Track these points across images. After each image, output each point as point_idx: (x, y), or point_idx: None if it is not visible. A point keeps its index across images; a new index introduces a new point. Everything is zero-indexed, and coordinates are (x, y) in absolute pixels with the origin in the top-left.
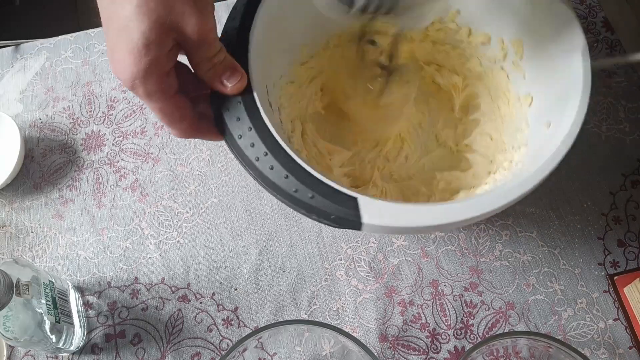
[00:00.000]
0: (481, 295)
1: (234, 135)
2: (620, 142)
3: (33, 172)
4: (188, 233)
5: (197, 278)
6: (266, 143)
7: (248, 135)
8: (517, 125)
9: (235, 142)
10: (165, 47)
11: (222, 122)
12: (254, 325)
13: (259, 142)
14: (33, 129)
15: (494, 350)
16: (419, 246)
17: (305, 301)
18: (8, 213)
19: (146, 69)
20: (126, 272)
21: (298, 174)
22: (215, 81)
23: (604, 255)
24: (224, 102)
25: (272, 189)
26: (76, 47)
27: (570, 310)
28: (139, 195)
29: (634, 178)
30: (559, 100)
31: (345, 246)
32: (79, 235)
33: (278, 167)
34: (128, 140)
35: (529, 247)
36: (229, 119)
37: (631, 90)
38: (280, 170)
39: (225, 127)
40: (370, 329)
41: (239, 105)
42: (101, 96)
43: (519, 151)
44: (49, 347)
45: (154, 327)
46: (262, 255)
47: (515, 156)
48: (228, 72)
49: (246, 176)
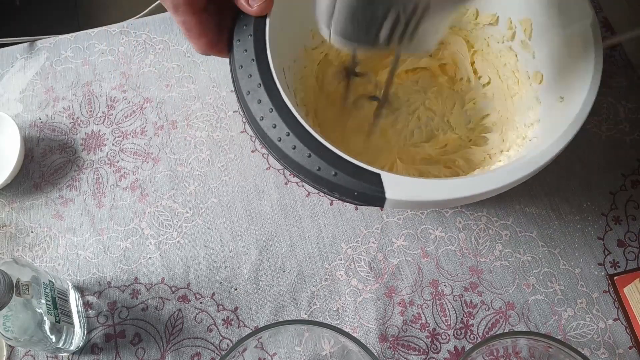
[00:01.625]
0: (481, 295)
1: (256, 117)
2: (620, 142)
3: (33, 172)
4: (188, 233)
5: (197, 278)
6: (288, 124)
7: (270, 117)
8: (528, 104)
9: (258, 125)
10: None
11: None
12: (254, 325)
13: (281, 123)
14: (33, 129)
15: (494, 350)
16: (419, 246)
17: (305, 301)
18: (8, 213)
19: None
20: (126, 272)
21: (320, 153)
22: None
23: (604, 255)
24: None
25: (295, 169)
26: (76, 47)
27: (570, 310)
28: (139, 195)
29: (634, 178)
30: (571, 74)
31: (345, 246)
32: (78, 235)
33: (300, 147)
34: (128, 140)
35: (529, 247)
36: (251, 101)
37: (631, 90)
38: (302, 150)
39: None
40: (370, 329)
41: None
42: (101, 96)
43: (532, 128)
44: (49, 347)
45: (154, 327)
46: (262, 255)
47: (529, 133)
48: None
49: (246, 176)
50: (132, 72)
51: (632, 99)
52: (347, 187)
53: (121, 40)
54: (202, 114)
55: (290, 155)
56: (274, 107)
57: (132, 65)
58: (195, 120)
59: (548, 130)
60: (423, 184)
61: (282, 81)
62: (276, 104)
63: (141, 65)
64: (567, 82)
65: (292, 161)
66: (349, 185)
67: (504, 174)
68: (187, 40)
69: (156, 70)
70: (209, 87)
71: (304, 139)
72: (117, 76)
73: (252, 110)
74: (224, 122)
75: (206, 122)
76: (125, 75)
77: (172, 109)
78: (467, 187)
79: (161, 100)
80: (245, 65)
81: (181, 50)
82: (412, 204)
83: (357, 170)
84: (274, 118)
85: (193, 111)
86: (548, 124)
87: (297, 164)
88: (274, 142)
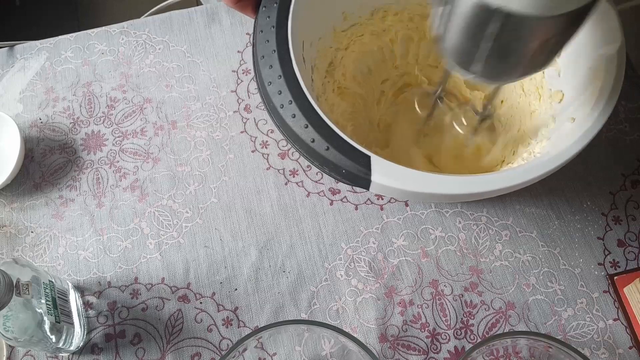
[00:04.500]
0: (481, 295)
1: (264, 81)
2: (620, 142)
3: (33, 172)
4: (188, 233)
5: (197, 278)
6: (292, 91)
7: (277, 83)
8: (544, 121)
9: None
10: None
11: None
12: (254, 325)
13: (286, 89)
14: (33, 129)
15: (494, 350)
16: (419, 246)
17: (305, 301)
18: (8, 213)
19: None
20: (126, 272)
21: (317, 125)
22: None
23: (604, 255)
24: (261, 46)
25: (291, 138)
26: (76, 47)
27: (570, 310)
28: (139, 195)
29: (634, 178)
30: (588, 97)
31: (345, 246)
32: (79, 235)
33: (299, 116)
34: (128, 140)
35: (529, 247)
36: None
37: (631, 90)
38: (300, 119)
39: (259, 72)
40: (370, 329)
41: (274, 54)
42: (101, 96)
43: (541, 144)
44: (49, 347)
45: (154, 327)
46: (262, 255)
47: (537, 148)
48: None
49: (246, 176)
50: (132, 72)
51: (632, 99)
52: (336, 163)
53: (121, 40)
54: (202, 114)
55: (289, 123)
56: (282, 74)
57: (132, 66)
58: (195, 121)
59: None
60: (411, 174)
61: (297, 52)
62: (285, 71)
63: (141, 65)
64: (582, 103)
65: (289, 129)
66: (338, 162)
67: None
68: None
69: (156, 70)
70: (209, 87)
71: (304, 109)
72: (117, 76)
73: (262, 74)
74: (224, 122)
75: (206, 122)
76: (125, 75)
77: (172, 109)
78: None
79: (161, 101)
80: (266, 31)
81: (181, 51)
82: (396, 191)
83: (349, 149)
84: (280, 85)
85: (193, 111)
86: (555, 143)
87: (293, 132)
88: (276, 108)
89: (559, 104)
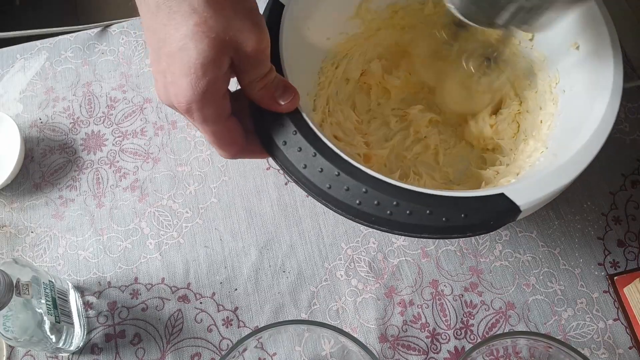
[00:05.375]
0: (481, 295)
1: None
2: (620, 142)
3: (33, 172)
4: (188, 233)
5: (197, 278)
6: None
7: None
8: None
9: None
10: (223, 67)
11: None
12: (254, 325)
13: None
14: (33, 129)
15: (494, 350)
16: (419, 246)
17: (305, 301)
18: (8, 213)
19: (204, 91)
20: (126, 272)
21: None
22: (268, 100)
23: (604, 255)
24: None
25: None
26: (76, 47)
27: (570, 310)
28: (139, 195)
29: (634, 178)
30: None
31: (345, 246)
32: (79, 235)
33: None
34: (128, 140)
35: (529, 247)
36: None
37: (631, 90)
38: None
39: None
40: (370, 329)
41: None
42: (101, 96)
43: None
44: (49, 347)
45: (154, 327)
46: (262, 256)
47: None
48: (280, 91)
49: (246, 176)
50: (132, 72)
51: (632, 99)
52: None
53: (121, 40)
54: None
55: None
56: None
57: (132, 66)
58: None
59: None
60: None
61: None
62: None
63: (141, 65)
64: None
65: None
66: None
67: None
68: (216, 148)
69: None
70: None
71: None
72: (117, 76)
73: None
74: None
75: None
76: (125, 75)
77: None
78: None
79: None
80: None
81: None
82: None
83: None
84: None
85: None
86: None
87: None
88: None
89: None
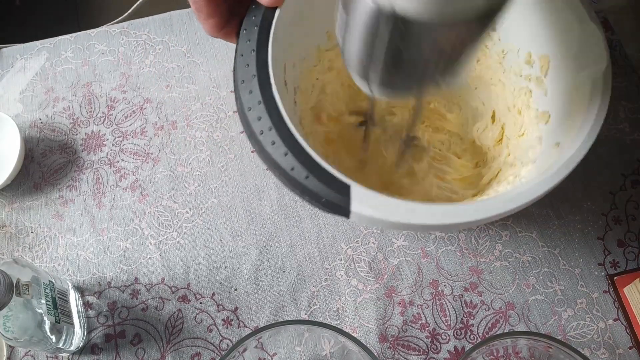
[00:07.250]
0: (481, 295)
1: (244, 107)
2: (620, 142)
3: (33, 172)
4: (188, 233)
5: (197, 278)
6: (272, 118)
7: (257, 109)
8: (530, 143)
9: (245, 114)
10: None
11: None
12: (254, 325)
13: (266, 116)
14: (33, 129)
15: (494, 351)
16: (419, 246)
17: (305, 301)
18: (8, 213)
19: None
20: (126, 272)
21: (297, 153)
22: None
23: (604, 255)
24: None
25: (271, 165)
26: (76, 47)
27: (570, 310)
28: (139, 196)
29: (634, 178)
30: (572, 120)
31: (345, 246)
32: (79, 235)
33: (279, 143)
34: (128, 140)
35: (529, 247)
36: (243, 91)
37: (631, 90)
38: (280, 147)
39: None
40: (370, 329)
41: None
42: (101, 96)
43: (527, 167)
44: (49, 347)
45: (154, 327)
46: (262, 256)
47: (523, 171)
48: None
49: (246, 176)
50: (132, 72)
51: (632, 99)
52: (316, 192)
53: (121, 40)
54: (202, 114)
55: (268, 151)
56: (262, 100)
57: (132, 66)
58: (195, 121)
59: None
60: (394, 204)
61: (279, 76)
62: (266, 97)
63: (141, 65)
64: (566, 127)
65: (269, 157)
66: (318, 191)
67: (478, 209)
68: (197, 20)
69: (156, 70)
70: (209, 87)
71: (284, 136)
72: (117, 76)
73: (242, 100)
74: (224, 122)
75: (206, 122)
76: (125, 75)
77: (172, 109)
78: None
79: (161, 101)
80: (246, 55)
81: (181, 51)
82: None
83: (329, 178)
84: (260, 111)
85: (193, 111)
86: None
87: (273, 160)
88: (256, 135)
89: (545, 125)
